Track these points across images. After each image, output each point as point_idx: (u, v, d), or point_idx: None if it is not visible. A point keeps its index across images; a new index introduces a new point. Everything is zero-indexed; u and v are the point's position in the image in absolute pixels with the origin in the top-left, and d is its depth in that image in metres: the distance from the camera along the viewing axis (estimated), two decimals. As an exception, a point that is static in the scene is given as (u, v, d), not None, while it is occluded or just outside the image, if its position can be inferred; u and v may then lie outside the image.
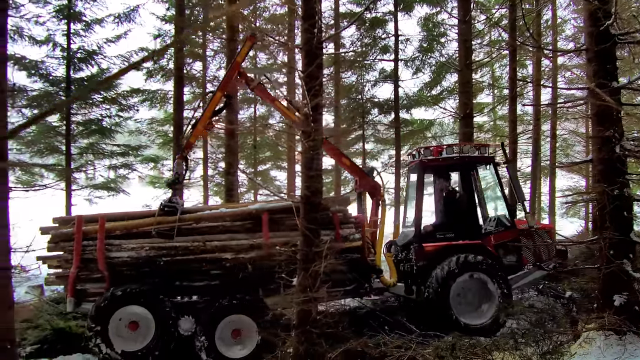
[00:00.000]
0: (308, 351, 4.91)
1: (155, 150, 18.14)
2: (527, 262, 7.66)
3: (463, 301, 6.83)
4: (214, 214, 6.85)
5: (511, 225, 7.73)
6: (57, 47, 13.18)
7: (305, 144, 4.82)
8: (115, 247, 6.37)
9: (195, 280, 6.53)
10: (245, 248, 6.46)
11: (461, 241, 7.18)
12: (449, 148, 7.65)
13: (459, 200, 7.70)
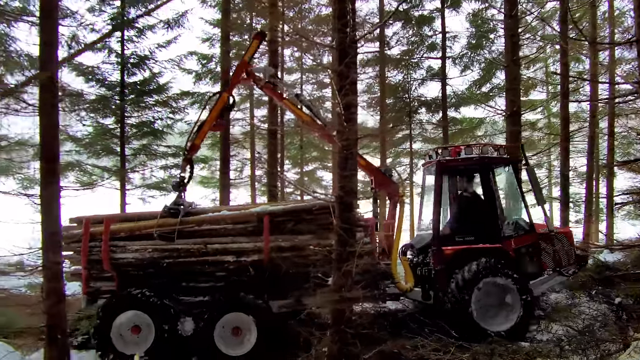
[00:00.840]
0: (342, 351, 4.91)
1: (205, 150, 18.58)
2: (547, 267, 7.29)
3: (484, 307, 6.51)
4: (215, 217, 6.75)
5: (530, 229, 7.40)
6: (112, 53, 13.81)
7: (338, 144, 4.81)
8: (119, 248, 6.43)
9: (200, 281, 6.52)
10: (246, 251, 6.38)
11: (481, 245, 6.90)
12: (467, 148, 7.37)
13: (478, 202, 7.40)
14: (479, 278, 6.48)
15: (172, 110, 15.59)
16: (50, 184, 5.40)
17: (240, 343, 6.23)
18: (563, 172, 7.64)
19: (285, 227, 6.55)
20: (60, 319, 5.39)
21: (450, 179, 7.69)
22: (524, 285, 6.66)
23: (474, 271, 6.45)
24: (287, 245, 6.37)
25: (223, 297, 6.28)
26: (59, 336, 5.24)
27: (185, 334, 6.16)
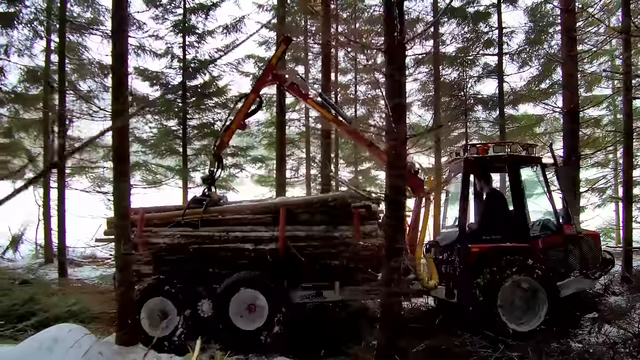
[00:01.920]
0: (391, 343, 5.07)
1: (262, 150, 19.15)
2: (574, 270, 7.11)
3: (511, 306, 6.44)
4: (236, 207, 7.22)
5: (558, 229, 7.25)
6: (175, 58, 14.56)
7: (386, 144, 4.97)
8: (153, 234, 7.06)
9: (224, 267, 6.95)
10: (264, 239, 6.79)
11: (508, 244, 6.81)
12: (496, 147, 7.31)
13: (506, 201, 7.29)
14: (505, 277, 6.43)
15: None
16: (121, 182, 5.90)
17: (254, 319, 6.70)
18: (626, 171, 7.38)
19: (301, 218, 6.93)
20: (130, 305, 5.90)
21: (478, 177, 7.61)
22: (552, 285, 6.57)
23: (501, 270, 6.40)
24: (302, 235, 6.74)
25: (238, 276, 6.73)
26: (129, 321, 5.74)
27: (205, 315, 6.67)
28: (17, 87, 14.99)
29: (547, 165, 7.57)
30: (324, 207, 6.92)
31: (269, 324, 6.56)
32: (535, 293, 6.59)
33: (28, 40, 14.14)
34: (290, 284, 6.97)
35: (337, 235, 6.68)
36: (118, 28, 5.55)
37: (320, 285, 6.92)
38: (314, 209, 6.95)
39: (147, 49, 14.41)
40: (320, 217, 6.92)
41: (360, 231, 6.64)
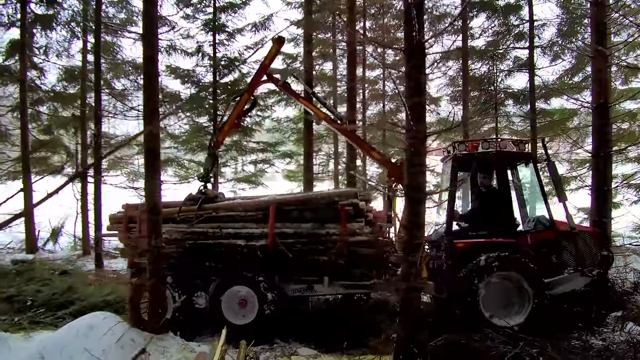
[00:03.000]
0: (410, 337, 5.17)
1: (291, 146, 19.37)
2: (567, 267, 6.98)
3: (494, 301, 6.37)
4: (229, 205, 7.46)
5: (550, 225, 7.11)
6: (205, 56, 14.89)
7: (405, 142, 5.06)
8: None
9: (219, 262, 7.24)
10: (255, 236, 7.04)
11: (494, 239, 6.75)
12: (485, 143, 7.19)
13: (494, 197, 7.17)
14: (487, 272, 6.39)
15: (260, 108, 16.45)
16: (152, 177, 6.16)
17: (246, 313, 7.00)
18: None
19: (291, 215, 7.12)
20: (161, 295, 6.18)
21: (467, 173, 7.58)
22: (538, 281, 6.50)
23: (482, 265, 6.35)
24: (291, 232, 6.96)
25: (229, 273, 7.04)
26: (159, 310, 6.02)
27: (200, 307, 7.02)
28: (56, 86, 15.65)
29: (539, 161, 7.48)
30: (312, 204, 7.13)
31: (259, 319, 6.79)
32: (520, 289, 6.56)
33: (66, 41, 14.81)
34: (282, 279, 7.21)
35: (324, 233, 6.88)
36: (148, 31, 5.80)
37: (311, 280, 7.16)
38: (302, 207, 7.17)
39: (178, 48, 14.81)
40: (309, 214, 7.12)
41: (347, 228, 6.79)
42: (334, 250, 6.90)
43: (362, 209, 7.07)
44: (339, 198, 6.94)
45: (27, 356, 4.96)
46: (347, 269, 7.13)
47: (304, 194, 7.46)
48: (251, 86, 8.01)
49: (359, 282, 7.15)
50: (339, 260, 7.00)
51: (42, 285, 9.32)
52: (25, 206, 12.82)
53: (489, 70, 16.21)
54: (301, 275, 7.21)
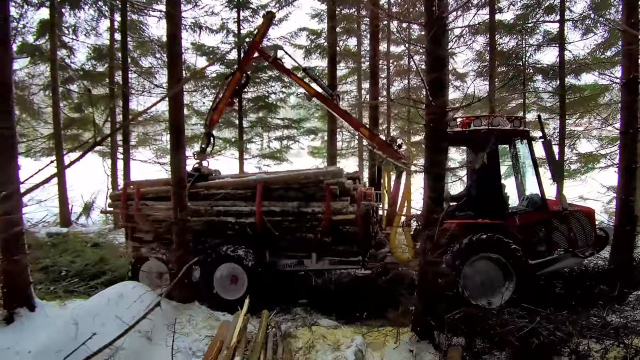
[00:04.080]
0: (428, 309, 5.28)
1: (315, 122, 19.40)
2: (558, 248, 6.87)
3: (476, 282, 6.35)
4: (219, 183, 7.61)
5: (542, 206, 6.97)
6: (230, 33, 14.96)
7: (425, 118, 5.08)
8: (147, 207, 7.71)
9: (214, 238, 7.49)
10: (244, 213, 7.23)
11: (480, 220, 6.67)
12: (477, 120, 7.08)
13: (482, 176, 7.06)
14: (469, 253, 6.38)
15: (284, 84, 16.51)
16: (177, 153, 6.35)
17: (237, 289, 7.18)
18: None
19: (277, 194, 7.28)
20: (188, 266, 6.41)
21: None
22: (521, 262, 6.45)
23: (465, 246, 6.32)
24: (278, 210, 7.14)
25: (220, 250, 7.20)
26: (186, 280, 6.25)
27: (195, 280, 7.20)
28: (85, 65, 15.98)
29: (534, 139, 7.30)
30: (298, 183, 7.25)
31: (249, 294, 6.88)
32: (503, 270, 6.57)
33: (94, 20, 15.04)
34: (272, 254, 7.43)
35: (310, 211, 7.02)
36: (171, 10, 5.90)
37: (301, 255, 7.37)
38: (288, 186, 7.30)
39: (203, 25, 14.90)
40: (295, 193, 7.26)
41: (331, 207, 6.91)
42: (319, 228, 7.05)
43: (347, 187, 7.18)
44: (324, 177, 7.08)
45: (63, 323, 5.24)
46: (334, 245, 7.30)
47: (290, 173, 7.59)
48: (243, 63, 8.09)
49: (345, 258, 7.30)
50: (324, 238, 7.16)
51: (76, 256, 9.74)
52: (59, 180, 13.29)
53: (517, 44, 15.85)
54: (291, 251, 7.43)
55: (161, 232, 7.59)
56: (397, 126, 19.48)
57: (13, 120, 5.69)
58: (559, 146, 14.45)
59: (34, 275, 6.71)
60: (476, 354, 5.04)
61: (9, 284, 5.74)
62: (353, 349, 5.01)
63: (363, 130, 7.57)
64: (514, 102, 17.32)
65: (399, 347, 5.20)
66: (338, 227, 7.15)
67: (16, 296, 5.77)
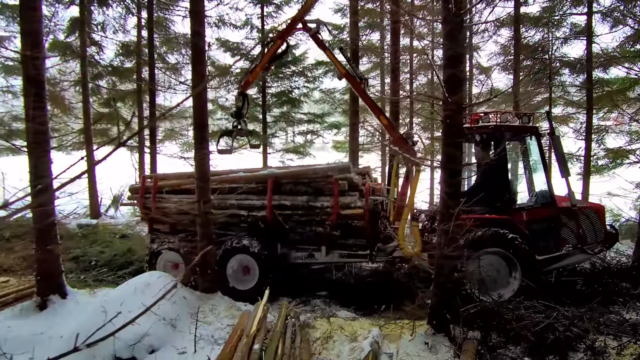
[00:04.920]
0: (444, 303, 5.35)
1: (338, 117, 19.46)
2: (566, 244, 6.80)
3: (480, 277, 6.30)
4: (232, 177, 7.77)
5: (550, 202, 6.91)
6: (254, 29, 15.13)
7: (441, 114, 5.14)
8: (164, 200, 7.97)
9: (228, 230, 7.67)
10: (255, 207, 7.42)
11: (487, 215, 6.65)
12: (485, 116, 7.04)
13: (490, 172, 7.02)
14: (476, 249, 6.36)
15: (307, 79, 16.62)
16: (201, 147, 6.55)
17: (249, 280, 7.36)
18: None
19: (287, 188, 7.45)
20: (210, 257, 6.62)
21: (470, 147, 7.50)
22: (526, 258, 6.46)
23: (470, 241, 6.26)
24: (288, 204, 7.31)
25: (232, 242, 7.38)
26: (209, 271, 6.47)
27: None
28: (113, 61, 16.39)
29: (542, 135, 7.27)
30: (307, 178, 7.39)
31: (260, 285, 7.09)
32: (508, 265, 6.59)
33: (121, 18, 15.39)
34: (284, 247, 7.61)
35: (319, 205, 7.17)
36: (194, 8, 6.07)
37: (312, 249, 7.53)
38: (298, 180, 7.45)
39: (227, 21, 15.10)
40: (305, 188, 7.41)
41: (339, 201, 7.06)
42: (328, 222, 7.21)
43: (356, 182, 7.32)
44: (332, 172, 7.21)
45: (92, 309, 5.50)
46: (343, 239, 7.44)
47: (300, 168, 7.73)
48: (285, 32, 8.15)
49: (354, 252, 7.44)
50: (333, 232, 7.32)
51: (105, 247, 10.11)
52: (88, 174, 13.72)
53: (543, 37, 15.60)
54: (301, 244, 7.61)
55: (178, 224, 7.84)
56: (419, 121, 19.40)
57: (46, 116, 5.96)
58: (586, 141, 14.23)
59: (65, 264, 7.04)
60: (491, 347, 5.09)
61: (42, 272, 6.05)
62: (369, 340, 5.12)
63: (383, 119, 7.63)
64: (539, 96, 17.08)
65: (414, 339, 5.29)
66: (347, 221, 7.30)
67: (49, 284, 6.07)
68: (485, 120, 7.16)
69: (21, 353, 4.36)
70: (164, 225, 8.13)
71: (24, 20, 5.79)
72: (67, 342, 5.07)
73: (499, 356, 4.92)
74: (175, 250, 7.75)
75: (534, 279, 6.46)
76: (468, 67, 17.51)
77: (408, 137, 7.60)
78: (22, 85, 8.31)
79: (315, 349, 5.21)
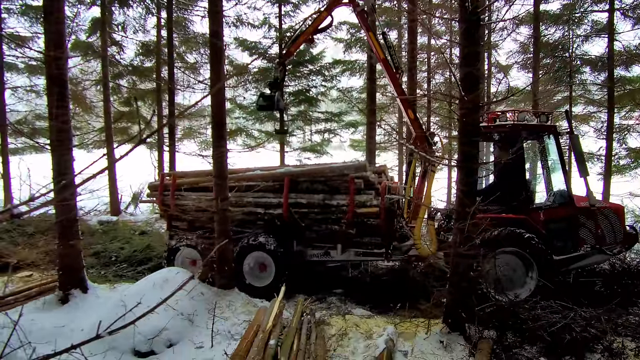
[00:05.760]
0: (459, 302, 5.35)
1: (355, 116, 19.46)
2: (584, 244, 6.70)
3: (497, 276, 6.23)
4: (249, 176, 7.80)
5: (568, 202, 6.82)
6: (271, 28, 15.21)
7: (458, 113, 5.13)
8: (182, 197, 8.05)
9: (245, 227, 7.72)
10: (272, 205, 7.47)
11: (504, 215, 6.60)
12: (503, 115, 6.99)
13: (508, 171, 6.95)
14: (492, 248, 6.31)
15: (325, 78, 16.64)
16: (219, 145, 6.62)
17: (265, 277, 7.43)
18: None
19: (304, 186, 7.48)
20: (228, 254, 6.70)
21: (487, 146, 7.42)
22: (545, 258, 6.40)
23: (487, 241, 6.21)
24: (304, 202, 7.34)
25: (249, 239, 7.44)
26: (226, 268, 6.55)
27: None
28: (134, 61, 16.64)
29: (560, 134, 7.18)
30: (324, 177, 7.40)
31: (276, 282, 7.15)
32: (524, 264, 6.54)
33: (141, 18, 15.63)
34: (300, 244, 7.65)
35: (335, 204, 7.18)
36: (213, 8, 6.15)
37: (328, 246, 7.56)
38: (314, 179, 7.47)
39: (245, 21, 15.21)
40: (321, 186, 7.44)
41: (355, 200, 7.07)
42: (344, 220, 7.23)
43: (372, 181, 7.32)
44: (348, 171, 7.21)
45: (112, 304, 5.63)
46: (358, 237, 7.46)
47: (316, 167, 7.75)
48: (331, 4, 8.14)
49: (370, 250, 7.46)
50: (349, 230, 7.33)
51: (125, 243, 10.29)
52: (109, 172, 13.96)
53: (563, 35, 15.39)
54: (317, 242, 7.64)
55: (196, 221, 7.94)
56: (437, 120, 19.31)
57: (69, 115, 6.11)
58: (607, 141, 14.02)
59: (86, 260, 7.19)
60: (507, 347, 5.07)
61: (64, 267, 6.20)
62: (384, 338, 5.15)
63: (410, 114, 7.60)
64: (559, 95, 16.86)
65: (429, 337, 5.31)
66: (362, 219, 7.32)
67: (71, 278, 6.22)
68: (502, 119, 7.14)
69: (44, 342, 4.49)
70: (182, 222, 8.24)
71: (47, 21, 5.94)
72: (88, 334, 5.12)
73: (514, 356, 4.90)
74: (193, 247, 7.85)
75: (551, 279, 6.42)
76: (486, 66, 17.35)
77: (431, 137, 7.61)
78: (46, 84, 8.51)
79: (330, 345, 5.26)
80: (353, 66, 17.07)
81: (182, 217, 8.04)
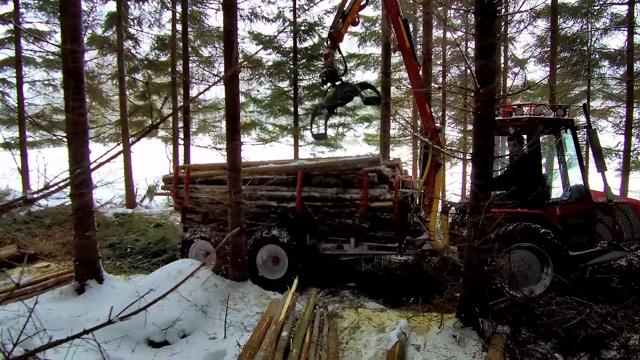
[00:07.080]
0: (472, 296, 5.32)
1: (369, 110, 19.37)
2: (601, 240, 6.58)
3: (511, 271, 6.12)
4: (263, 169, 7.78)
5: (585, 197, 6.68)
6: (286, 22, 15.19)
7: (473, 106, 5.08)
8: (196, 190, 8.07)
9: (259, 221, 7.74)
10: (285, 198, 7.46)
11: (519, 209, 6.50)
12: (519, 109, 6.88)
13: (523, 166, 6.82)
14: (507, 243, 6.22)
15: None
16: (233, 138, 6.64)
17: (278, 270, 7.47)
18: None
19: (317, 180, 7.45)
20: (241, 246, 6.73)
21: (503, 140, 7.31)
22: (560, 253, 6.31)
23: (501, 235, 6.14)
24: (318, 196, 7.33)
25: (262, 232, 7.48)
26: (239, 260, 6.59)
27: None
28: (149, 55, 16.75)
29: (578, 129, 7.03)
30: (337, 171, 7.36)
31: (289, 275, 7.16)
32: (539, 260, 6.46)
33: (157, 12, 15.71)
34: (313, 238, 7.65)
35: (348, 197, 7.17)
36: (228, 2, 6.16)
37: (341, 240, 7.56)
38: (328, 173, 7.44)
39: (260, 14, 15.21)
40: (334, 180, 7.41)
41: (368, 194, 7.04)
42: (357, 214, 7.22)
43: (385, 175, 7.25)
44: (361, 164, 7.18)
45: (127, 294, 5.70)
46: (372, 231, 7.45)
47: (330, 160, 7.73)
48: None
49: (383, 244, 7.44)
50: (362, 224, 7.33)
51: (140, 235, 10.40)
52: (125, 164, 14.13)
53: (581, 28, 15.15)
54: (330, 236, 7.65)
55: (210, 214, 7.97)
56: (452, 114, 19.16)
57: (85, 108, 6.17)
58: (626, 136, 13.80)
59: (102, 251, 7.29)
60: (521, 342, 5.02)
61: (81, 258, 6.28)
62: (397, 331, 5.13)
63: (427, 107, 7.53)
64: (577, 89, 16.61)
65: (442, 332, 5.28)
66: (376, 213, 7.30)
67: (87, 269, 6.31)
68: (518, 112, 7.04)
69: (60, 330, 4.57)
70: (196, 215, 8.30)
71: (64, 15, 5.99)
72: (104, 324, 5.26)
73: (528, 351, 4.86)
74: (207, 239, 7.90)
75: (567, 276, 6.35)
76: (502, 59, 17.15)
77: (438, 131, 7.56)
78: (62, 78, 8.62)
79: (342, 338, 5.26)
80: (367, 60, 17.00)
81: (196, 209, 8.09)
